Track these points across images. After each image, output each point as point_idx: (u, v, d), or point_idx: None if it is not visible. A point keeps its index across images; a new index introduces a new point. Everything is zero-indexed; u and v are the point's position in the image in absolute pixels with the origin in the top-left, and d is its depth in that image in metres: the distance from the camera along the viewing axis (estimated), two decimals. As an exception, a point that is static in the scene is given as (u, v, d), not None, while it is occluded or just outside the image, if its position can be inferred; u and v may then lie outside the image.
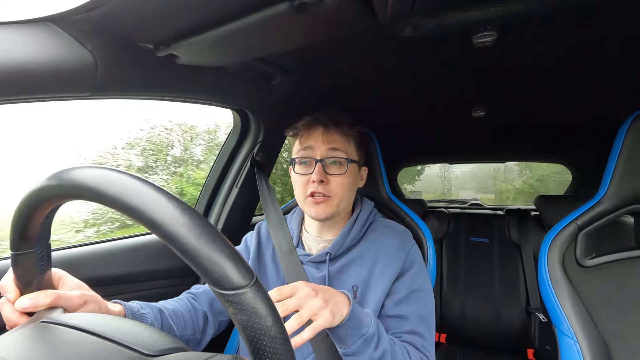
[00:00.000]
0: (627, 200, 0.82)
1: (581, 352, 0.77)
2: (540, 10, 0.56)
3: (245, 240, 0.94)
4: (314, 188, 0.77)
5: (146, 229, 0.31)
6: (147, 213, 0.30)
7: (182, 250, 0.29)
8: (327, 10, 0.53)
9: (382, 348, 0.62)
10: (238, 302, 0.29)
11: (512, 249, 1.79)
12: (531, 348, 1.65)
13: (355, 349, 0.60)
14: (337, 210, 0.80)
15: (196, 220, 0.30)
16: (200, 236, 0.29)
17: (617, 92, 1.07)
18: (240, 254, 0.32)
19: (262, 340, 0.30)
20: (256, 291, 0.30)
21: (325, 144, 0.79)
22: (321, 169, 0.78)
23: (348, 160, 0.79)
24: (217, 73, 0.85)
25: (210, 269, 0.29)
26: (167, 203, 0.30)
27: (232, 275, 0.29)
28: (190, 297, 0.81)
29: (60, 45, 0.57)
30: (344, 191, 0.79)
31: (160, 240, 0.30)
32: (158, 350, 0.35)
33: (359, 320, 0.61)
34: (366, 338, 0.60)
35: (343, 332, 0.60)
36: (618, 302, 0.80)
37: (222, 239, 0.31)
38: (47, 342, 0.36)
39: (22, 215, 0.38)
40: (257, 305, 0.30)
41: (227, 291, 0.29)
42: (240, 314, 0.29)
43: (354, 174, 0.82)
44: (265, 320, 0.30)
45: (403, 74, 0.98)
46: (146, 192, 0.31)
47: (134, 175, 0.32)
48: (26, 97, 0.59)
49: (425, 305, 0.76)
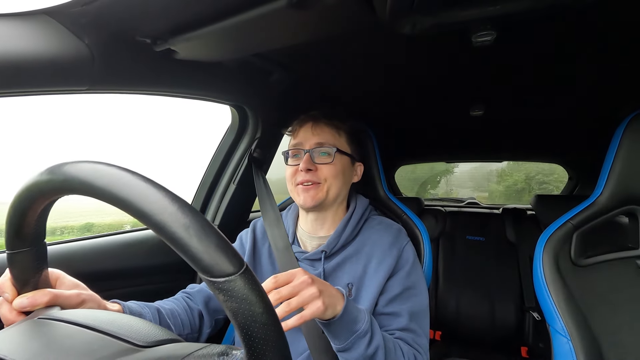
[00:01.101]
0: (622, 200, 0.83)
1: (574, 350, 0.78)
2: (539, 10, 0.56)
3: (240, 238, 0.95)
4: (302, 177, 0.79)
5: (139, 222, 0.31)
6: (136, 203, 0.30)
7: (171, 239, 0.29)
8: (325, 6, 0.53)
9: (375, 344, 0.62)
10: (228, 290, 0.29)
11: (508, 248, 1.80)
12: (525, 346, 1.66)
13: (349, 345, 0.61)
14: (327, 198, 0.80)
15: (185, 209, 0.30)
16: (189, 225, 0.29)
17: (614, 93, 1.07)
18: (229, 242, 0.32)
19: (254, 327, 0.30)
20: (246, 278, 0.30)
21: (314, 135, 0.82)
22: (309, 158, 0.80)
23: (335, 149, 0.80)
24: (215, 69, 0.85)
25: (200, 257, 0.29)
26: (155, 193, 0.30)
27: (221, 262, 0.29)
28: (186, 297, 0.81)
29: (57, 39, 0.56)
30: (333, 177, 0.80)
31: (153, 233, 0.30)
32: (151, 341, 0.36)
33: (352, 317, 0.62)
34: (359, 334, 0.61)
35: (337, 327, 0.61)
36: (611, 301, 0.81)
37: (211, 227, 0.31)
38: (42, 337, 0.37)
39: (16, 213, 0.38)
40: (247, 292, 0.30)
41: (216, 278, 0.29)
42: (231, 301, 0.29)
43: (343, 164, 0.83)
44: (255, 307, 0.30)
45: (402, 72, 0.98)
46: (135, 183, 0.31)
47: (123, 168, 0.32)
48: (23, 91, 0.58)
49: (418, 303, 0.77)
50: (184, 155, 2.80)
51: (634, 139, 0.80)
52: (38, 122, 1.55)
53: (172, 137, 3.13)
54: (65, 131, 1.92)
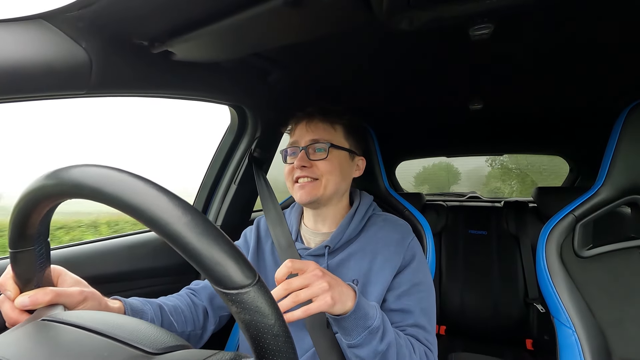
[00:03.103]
0: (624, 191, 0.82)
1: (579, 341, 0.78)
2: (537, 2, 0.56)
3: (244, 235, 0.95)
4: (298, 174, 0.80)
5: (146, 227, 0.31)
6: (149, 212, 0.30)
7: (184, 250, 0.29)
8: (322, 4, 0.53)
9: (387, 341, 0.62)
10: (241, 301, 0.29)
11: (510, 241, 1.80)
12: (530, 338, 1.67)
13: (361, 341, 0.61)
14: (324, 194, 0.80)
15: (198, 219, 0.30)
16: (202, 235, 0.29)
17: (614, 83, 1.07)
18: (243, 253, 0.32)
19: (265, 339, 0.30)
20: (258, 290, 0.30)
21: (309, 132, 0.82)
22: (304, 155, 0.80)
23: (329, 145, 0.80)
24: (213, 69, 0.85)
25: (213, 269, 0.29)
26: (168, 202, 0.30)
27: (235, 274, 0.30)
28: (190, 293, 0.82)
29: (53, 43, 0.56)
30: (329, 173, 0.79)
31: (161, 238, 0.30)
32: (161, 348, 0.36)
33: (364, 312, 0.61)
34: (371, 330, 0.61)
35: (348, 323, 0.60)
36: (615, 292, 0.81)
37: (224, 238, 0.31)
38: (49, 341, 0.37)
39: (21, 213, 0.38)
40: (260, 304, 0.30)
41: (229, 290, 0.29)
42: (243, 312, 0.30)
43: (340, 159, 0.82)
44: (268, 318, 0.30)
45: (400, 68, 0.97)
46: (147, 191, 0.31)
47: (135, 174, 0.32)
48: (20, 96, 0.58)
49: (426, 298, 0.77)
50: (184, 156, 2.80)
51: (633, 130, 0.80)
52: (38, 124, 1.55)
53: (173, 139, 3.13)
54: (65, 133, 1.92)
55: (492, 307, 1.72)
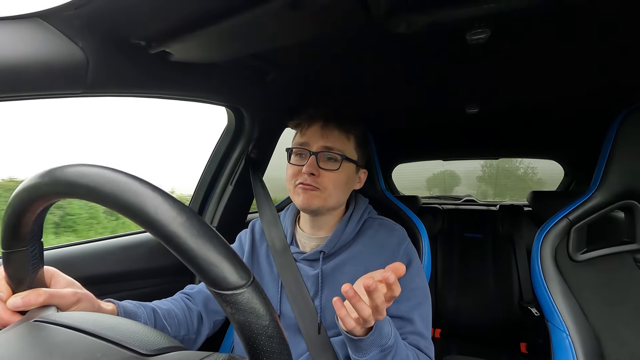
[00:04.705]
0: (618, 195, 0.83)
1: (573, 344, 0.78)
2: (534, 7, 0.57)
3: (239, 238, 0.94)
4: (304, 179, 0.75)
5: (141, 227, 0.30)
6: (144, 212, 0.30)
7: (178, 250, 0.29)
8: (320, 6, 0.53)
9: (396, 356, 0.61)
10: (235, 302, 0.29)
11: (506, 244, 1.81)
12: (524, 342, 1.67)
13: (371, 358, 0.59)
14: (325, 205, 0.77)
15: (193, 220, 0.30)
16: (197, 236, 0.29)
17: (609, 89, 1.08)
18: (237, 254, 0.32)
19: (259, 340, 0.30)
20: (253, 291, 0.30)
21: (323, 138, 0.77)
22: (314, 162, 0.75)
23: (343, 157, 0.77)
24: (211, 70, 0.85)
25: (208, 269, 0.29)
26: (163, 202, 0.30)
27: (230, 275, 0.29)
28: (185, 297, 0.81)
29: (50, 42, 0.56)
30: (335, 187, 0.77)
31: (155, 239, 0.30)
32: (154, 349, 0.35)
33: (380, 331, 0.60)
34: (384, 348, 0.60)
35: (365, 342, 0.59)
36: (608, 295, 0.82)
37: (220, 239, 0.31)
38: (41, 342, 0.36)
39: (14, 213, 0.37)
40: (255, 304, 0.30)
41: (224, 291, 0.29)
42: (238, 313, 0.29)
43: (348, 173, 0.79)
44: (262, 320, 0.30)
45: (397, 71, 0.98)
46: (142, 192, 0.30)
47: (130, 174, 0.32)
48: (16, 95, 0.58)
49: (423, 304, 0.76)
50: (177, 157, 2.79)
51: (628, 135, 0.81)
52: (33, 123, 1.53)
53: (168, 139, 3.12)
54: (60, 132, 1.91)
55: (487, 310, 1.73)
